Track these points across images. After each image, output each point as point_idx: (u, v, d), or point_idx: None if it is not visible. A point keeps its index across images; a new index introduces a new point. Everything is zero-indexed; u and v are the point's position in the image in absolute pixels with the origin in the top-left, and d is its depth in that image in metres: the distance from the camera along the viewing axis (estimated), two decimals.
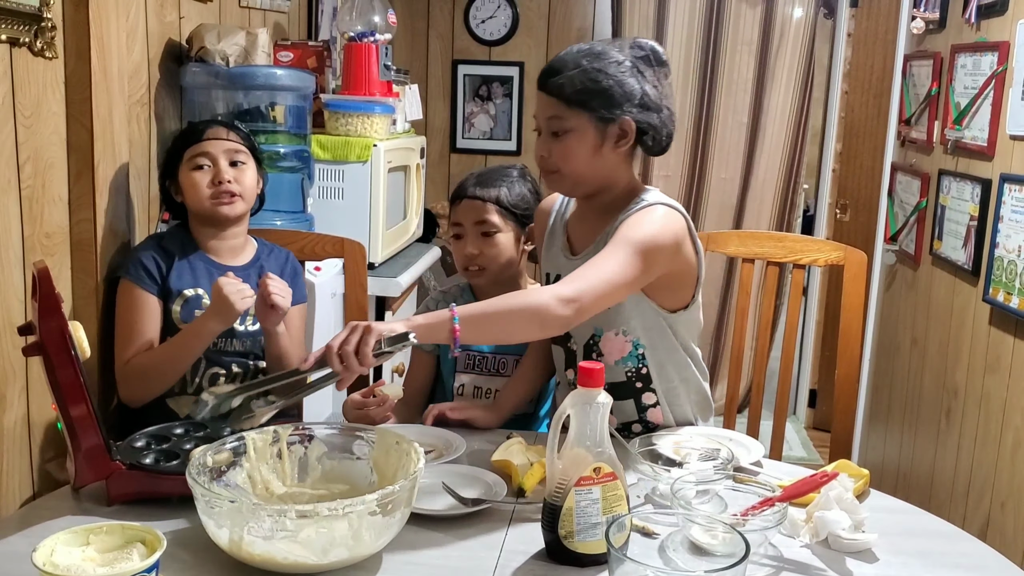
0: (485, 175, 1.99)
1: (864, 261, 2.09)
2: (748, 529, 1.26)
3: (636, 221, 1.64)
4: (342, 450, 1.48)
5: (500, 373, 2.01)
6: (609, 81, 1.63)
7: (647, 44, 1.70)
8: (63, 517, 1.39)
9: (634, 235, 1.60)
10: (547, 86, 1.66)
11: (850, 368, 2.09)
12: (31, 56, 1.73)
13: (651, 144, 1.69)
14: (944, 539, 1.45)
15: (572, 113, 1.64)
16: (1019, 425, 2.30)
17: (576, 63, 1.64)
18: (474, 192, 1.94)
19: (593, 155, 1.66)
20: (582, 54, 1.66)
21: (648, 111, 1.66)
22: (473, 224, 1.94)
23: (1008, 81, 2.44)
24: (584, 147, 1.65)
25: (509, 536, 1.39)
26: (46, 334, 1.36)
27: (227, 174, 1.89)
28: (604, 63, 1.64)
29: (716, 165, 4.26)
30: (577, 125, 1.64)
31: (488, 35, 4.28)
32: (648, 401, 1.80)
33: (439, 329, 1.46)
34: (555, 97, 1.65)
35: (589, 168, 1.68)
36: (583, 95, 1.63)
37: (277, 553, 1.21)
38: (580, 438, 1.29)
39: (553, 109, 1.66)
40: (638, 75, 1.66)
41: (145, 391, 1.88)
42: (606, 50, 1.66)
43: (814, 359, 4.56)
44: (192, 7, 2.38)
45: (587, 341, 1.78)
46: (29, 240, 1.75)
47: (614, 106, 1.64)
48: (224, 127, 1.95)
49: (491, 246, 1.95)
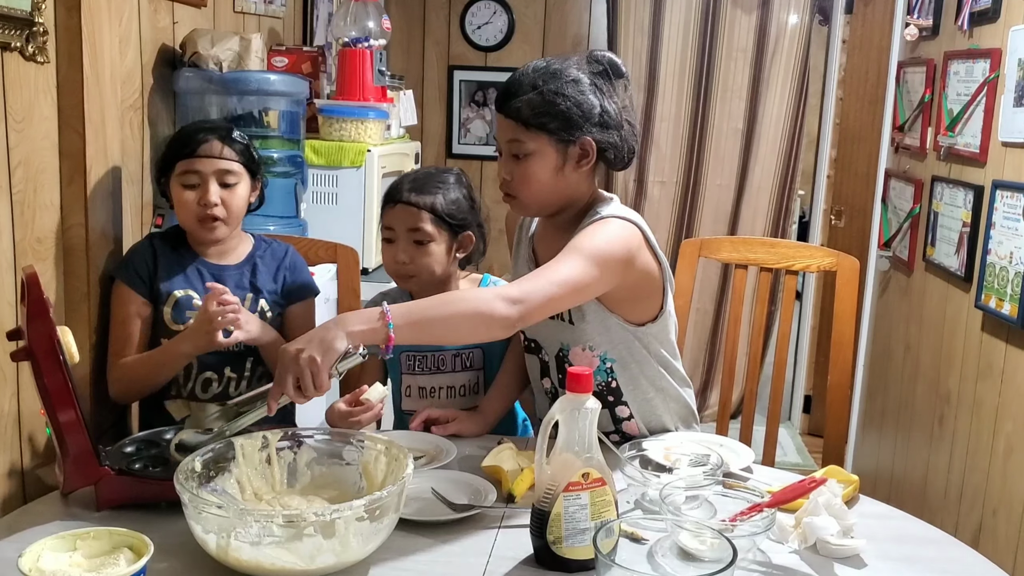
0: (421, 180, 1.91)
1: (856, 267, 2.09)
2: (736, 535, 1.26)
3: (589, 232, 1.62)
4: (331, 456, 1.48)
5: (440, 370, 1.99)
6: (568, 103, 1.61)
7: (604, 57, 1.69)
8: (51, 522, 1.39)
9: (585, 244, 1.59)
10: (505, 108, 1.65)
11: (843, 374, 2.09)
12: (23, 61, 1.73)
13: (613, 160, 1.69)
14: (933, 545, 1.45)
15: (531, 136, 1.63)
16: (1011, 431, 2.30)
17: (533, 84, 1.63)
18: (408, 198, 1.87)
19: (555, 176, 1.65)
20: (538, 74, 1.64)
21: (608, 129, 1.65)
22: (406, 231, 1.88)
23: (1000, 88, 2.45)
24: (545, 169, 1.64)
25: (498, 542, 1.39)
26: (34, 339, 1.36)
27: (214, 196, 1.85)
28: (561, 83, 1.62)
29: (711, 171, 4.26)
30: (537, 148, 1.63)
31: (484, 41, 4.28)
32: (622, 414, 1.80)
33: (375, 335, 1.41)
34: (513, 120, 1.63)
35: (551, 189, 1.67)
36: (541, 118, 1.61)
37: (264, 559, 1.21)
38: (569, 443, 1.29)
39: (512, 132, 1.64)
40: (597, 92, 1.64)
41: (129, 394, 1.91)
42: (563, 68, 1.64)
43: (809, 365, 4.56)
44: (186, 12, 2.38)
45: (556, 353, 1.79)
46: (20, 245, 1.75)
47: (574, 127, 1.62)
48: (220, 141, 1.88)
49: (423, 255, 1.88)
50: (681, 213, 4.29)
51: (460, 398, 1.99)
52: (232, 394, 1.93)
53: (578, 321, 1.72)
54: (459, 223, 1.91)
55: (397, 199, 1.89)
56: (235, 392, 1.93)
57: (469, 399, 1.98)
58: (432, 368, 1.99)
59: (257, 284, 1.95)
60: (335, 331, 1.39)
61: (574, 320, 1.73)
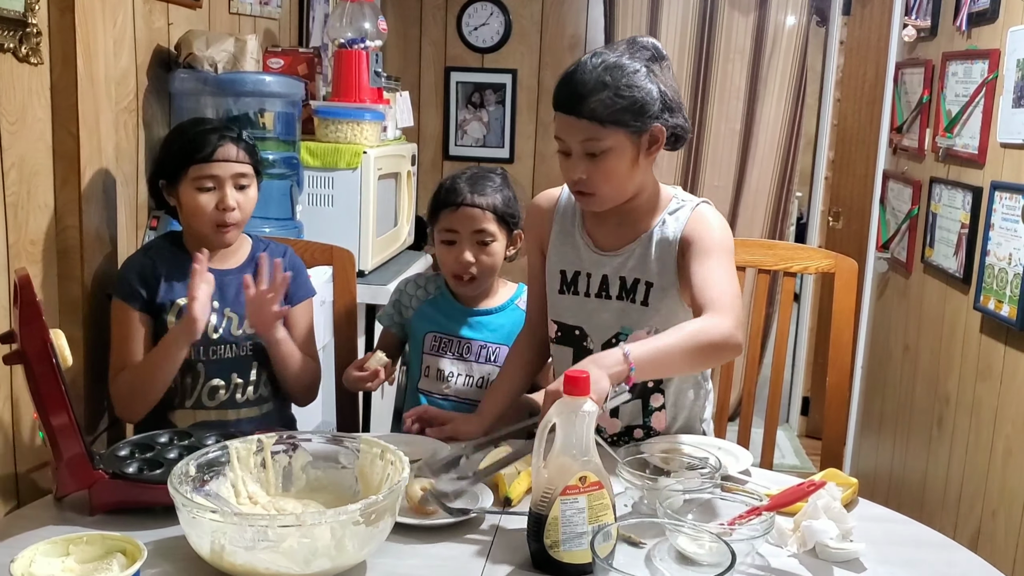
0: (476, 181, 1.96)
1: (855, 269, 2.09)
2: (735, 539, 1.25)
3: (709, 226, 1.70)
4: (327, 459, 1.47)
5: (464, 358, 2.00)
6: (639, 93, 1.62)
7: (648, 42, 1.70)
8: (45, 527, 1.38)
9: (720, 241, 1.68)
10: (578, 110, 1.63)
11: (841, 376, 2.08)
12: (16, 62, 1.72)
13: (675, 142, 1.73)
14: (932, 548, 1.44)
15: (608, 132, 1.62)
16: (1010, 433, 2.30)
17: (601, 81, 1.62)
18: (472, 200, 1.93)
19: (631, 168, 1.67)
20: (602, 68, 1.63)
21: (672, 112, 1.68)
22: (471, 232, 1.94)
23: (999, 89, 2.44)
24: (623, 163, 1.66)
25: (494, 546, 1.38)
26: (27, 342, 1.35)
27: (232, 201, 1.84)
28: (627, 76, 1.62)
29: (709, 173, 4.26)
30: (615, 143, 1.63)
31: (481, 42, 4.28)
32: (655, 404, 1.80)
33: (621, 376, 1.44)
34: (588, 119, 1.62)
35: (628, 181, 1.69)
36: (618, 114, 1.62)
37: (259, 563, 1.19)
38: (566, 447, 1.28)
39: (587, 132, 1.63)
40: (654, 78, 1.66)
41: (133, 409, 1.85)
42: (620, 60, 1.64)
43: (807, 367, 4.55)
44: (181, 13, 2.37)
45: (608, 340, 1.77)
46: (14, 247, 1.74)
47: (647, 116, 1.64)
48: (233, 144, 1.86)
49: (488, 254, 1.95)
50: None
51: (476, 388, 1.99)
52: (239, 400, 1.91)
53: (655, 303, 1.74)
54: (514, 222, 1.98)
55: (459, 202, 1.94)
56: (242, 399, 1.91)
57: (483, 392, 1.97)
58: (456, 355, 2.01)
59: None
60: (597, 372, 1.38)
61: (651, 302, 1.74)
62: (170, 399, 1.87)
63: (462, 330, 2.02)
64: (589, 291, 1.78)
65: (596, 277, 1.78)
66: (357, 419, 2.17)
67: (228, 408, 1.90)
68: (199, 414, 1.88)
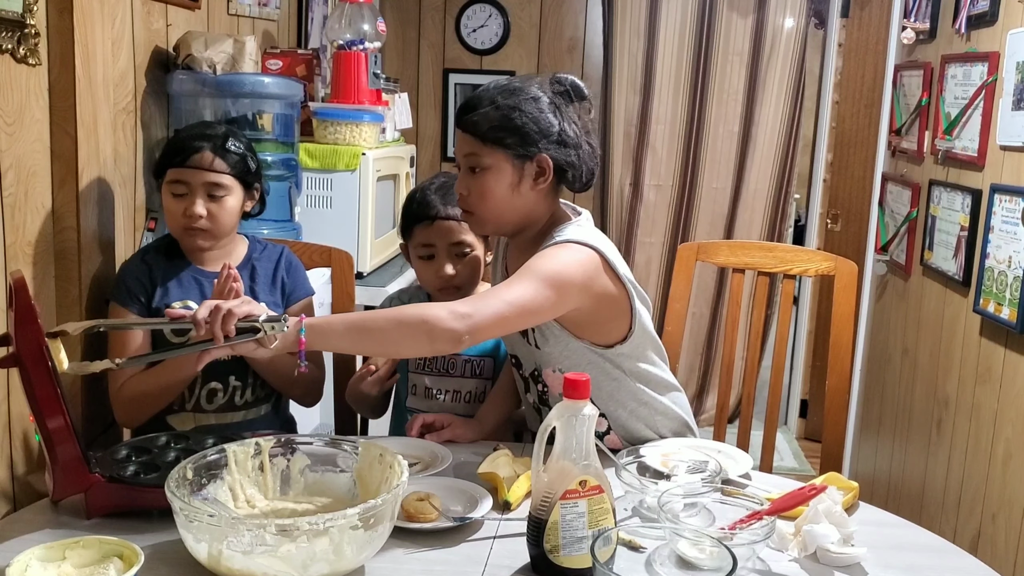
0: (447, 192, 1.91)
1: (855, 271, 2.08)
2: (736, 543, 1.25)
3: (546, 255, 1.62)
4: (325, 462, 1.46)
5: (449, 373, 1.99)
6: (524, 118, 1.62)
7: (566, 79, 1.70)
8: (40, 531, 1.37)
9: (541, 267, 1.58)
10: (463, 123, 1.66)
11: (840, 379, 2.08)
12: (14, 63, 1.71)
13: (572, 180, 1.69)
14: (933, 553, 1.44)
15: (488, 150, 1.63)
16: (1010, 436, 2.29)
17: (491, 100, 1.64)
18: (446, 212, 1.89)
19: (511, 193, 1.65)
20: (498, 90, 1.65)
21: (566, 148, 1.65)
22: (448, 245, 1.91)
23: (998, 91, 2.44)
24: (501, 185, 1.65)
25: (494, 550, 1.37)
26: (22, 345, 1.34)
27: (199, 209, 1.83)
28: (519, 100, 1.63)
29: (707, 175, 4.25)
30: (494, 163, 1.64)
31: (479, 44, 4.27)
32: (600, 428, 1.77)
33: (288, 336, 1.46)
34: (471, 134, 1.64)
35: (507, 206, 1.67)
36: (498, 132, 1.62)
37: (256, 568, 1.19)
38: (566, 451, 1.28)
39: (469, 146, 1.65)
40: (556, 112, 1.65)
41: (138, 416, 1.85)
42: (523, 86, 1.66)
43: (806, 369, 4.55)
44: (179, 14, 2.36)
45: (531, 372, 1.79)
46: (11, 249, 1.73)
47: (530, 143, 1.63)
48: (212, 152, 1.84)
49: (468, 265, 1.93)
50: (677, 216, 4.28)
51: (464, 404, 1.98)
52: (238, 403, 1.91)
53: (543, 345, 1.72)
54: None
55: (433, 215, 1.91)
56: (240, 401, 1.91)
57: (473, 407, 1.96)
58: (441, 371, 1.99)
59: (256, 288, 1.93)
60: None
61: (539, 344, 1.72)
62: (168, 404, 1.87)
63: None
64: None
65: None
66: (355, 422, 2.17)
67: (227, 411, 1.90)
68: (199, 417, 1.88)
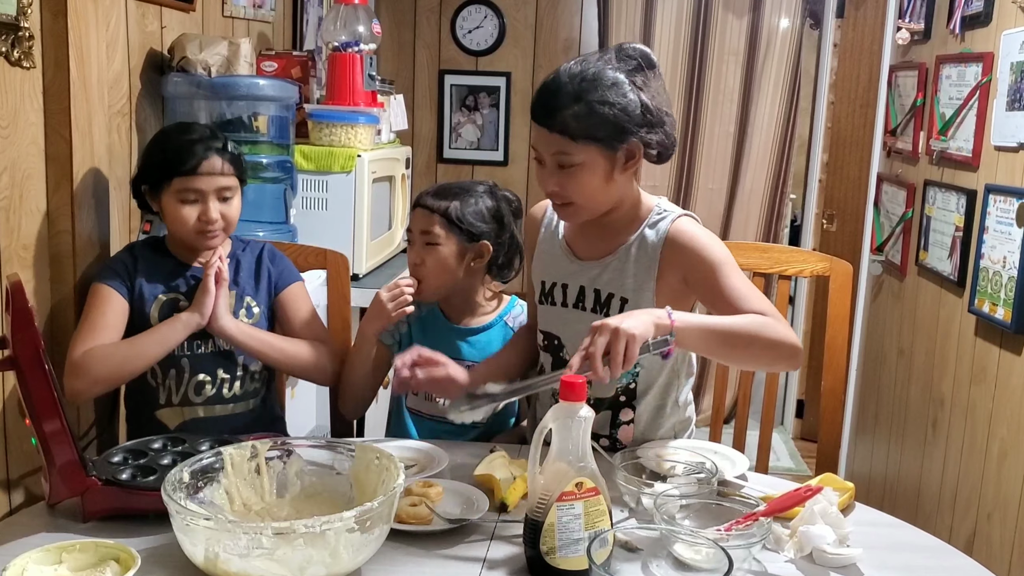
0: (445, 187, 1.97)
1: (850, 272, 2.08)
2: (732, 544, 1.25)
3: (702, 246, 1.64)
4: (321, 465, 1.46)
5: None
6: (613, 110, 1.56)
7: (635, 50, 1.64)
8: (37, 534, 1.37)
9: (725, 256, 1.63)
10: (548, 123, 1.59)
11: (836, 379, 2.08)
12: (8, 66, 1.71)
13: (657, 156, 1.66)
14: (929, 553, 1.44)
15: (580, 148, 1.58)
16: (1005, 436, 2.30)
17: (576, 95, 1.57)
18: (426, 201, 1.94)
19: (606, 183, 1.63)
20: (577, 82, 1.58)
21: (652, 128, 1.61)
22: (419, 233, 1.94)
23: (992, 92, 2.45)
24: (596, 178, 1.62)
25: (490, 552, 1.37)
26: (19, 348, 1.34)
27: (215, 213, 1.84)
28: (604, 90, 1.57)
29: (703, 175, 4.26)
30: (587, 158, 1.59)
31: (475, 45, 4.27)
32: (624, 418, 1.78)
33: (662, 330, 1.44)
34: (559, 134, 1.58)
35: (604, 195, 1.65)
36: (590, 129, 1.57)
37: (253, 571, 1.19)
38: (562, 452, 1.28)
39: (558, 145, 1.59)
40: (635, 89, 1.60)
41: (98, 383, 1.76)
42: (600, 72, 1.59)
43: (802, 369, 4.55)
44: (174, 17, 2.36)
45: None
46: (6, 252, 1.73)
47: (622, 132, 1.59)
48: (219, 156, 1.84)
49: (432, 256, 1.92)
50: None
51: None
52: (226, 396, 1.90)
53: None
54: (473, 231, 1.92)
55: (417, 203, 1.97)
56: (229, 394, 1.90)
57: None
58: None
59: (240, 282, 1.94)
60: (645, 316, 1.43)
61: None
62: (156, 398, 1.87)
63: (448, 349, 1.95)
64: (566, 301, 1.77)
65: (573, 288, 1.76)
66: (351, 424, 2.16)
67: (215, 404, 1.89)
68: (187, 411, 1.88)
